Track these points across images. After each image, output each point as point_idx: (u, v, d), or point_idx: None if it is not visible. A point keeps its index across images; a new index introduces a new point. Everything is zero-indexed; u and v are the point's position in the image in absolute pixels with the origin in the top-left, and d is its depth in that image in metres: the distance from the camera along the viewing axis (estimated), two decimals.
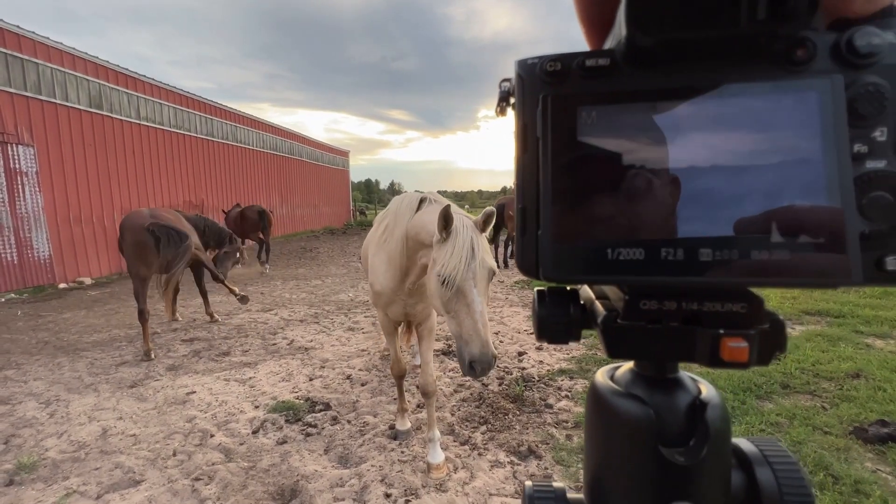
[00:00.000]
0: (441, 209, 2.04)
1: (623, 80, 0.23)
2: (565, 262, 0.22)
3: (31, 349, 5.08)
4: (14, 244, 8.71)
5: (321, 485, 2.50)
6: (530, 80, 0.24)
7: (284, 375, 4.11)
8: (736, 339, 0.22)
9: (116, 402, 3.64)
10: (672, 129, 0.22)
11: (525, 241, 0.24)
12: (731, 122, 0.21)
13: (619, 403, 0.26)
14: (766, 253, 0.21)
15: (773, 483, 0.25)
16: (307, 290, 8.18)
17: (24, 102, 8.90)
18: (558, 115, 0.23)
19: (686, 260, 0.21)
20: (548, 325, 0.26)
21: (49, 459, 2.82)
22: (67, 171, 9.81)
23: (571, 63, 0.23)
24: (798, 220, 0.21)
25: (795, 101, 0.21)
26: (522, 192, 0.24)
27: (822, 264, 0.20)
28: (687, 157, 0.22)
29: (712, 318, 0.23)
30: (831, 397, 3.24)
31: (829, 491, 2.26)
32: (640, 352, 0.25)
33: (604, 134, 0.22)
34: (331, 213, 26.98)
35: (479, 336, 1.88)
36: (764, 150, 0.21)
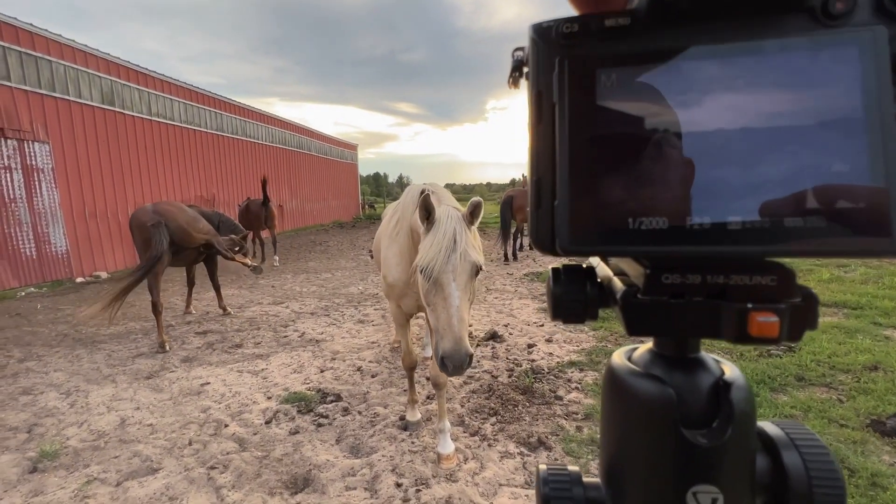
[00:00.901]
0: (421, 199, 1.99)
1: (645, 39, 0.22)
2: (584, 233, 0.21)
3: (51, 341, 5.21)
4: (33, 239, 8.91)
5: (333, 474, 2.53)
6: (546, 43, 0.23)
7: (296, 367, 4.16)
8: (765, 313, 0.21)
9: (133, 392, 3.72)
10: (699, 90, 0.21)
11: (540, 215, 0.23)
12: (763, 81, 0.20)
13: (637, 384, 0.25)
14: (801, 220, 0.20)
15: (801, 468, 0.24)
16: (317, 283, 8.25)
17: (39, 100, 9.04)
18: (576, 78, 0.22)
19: (713, 228, 0.20)
20: (563, 304, 0.25)
21: (70, 448, 2.90)
22: (82, 167, 9.97)
23: (590, 24, 0.22)
24: (836, 184, 0.19)
25: (833, 56, 0.19)
26: (537, 164, 0.23)
27: (862, 231, 0.19)
28: (714, 120, 0.20)
29: (740, 292, 0.21)
30: (848, 390, 3.18)
31: None
32: (661, 328, 0.23)
33: (625, 97, 0.21)
34: (339, 207, 27.10)
35: (453, 331, 1.82)
36: (799, 111, 0.20)
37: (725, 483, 0.23)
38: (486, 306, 6.12)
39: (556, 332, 4.90)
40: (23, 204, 8.75)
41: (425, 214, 1.99)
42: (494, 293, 6.90)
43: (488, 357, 4.22)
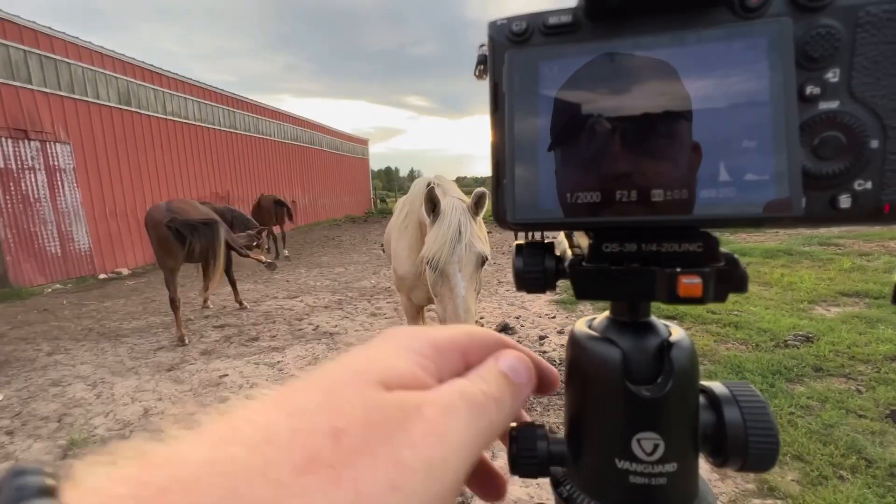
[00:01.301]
0: (426, 192, 2.02)
1: (583, 35, 0.24)
2: (528, 208, 0.24)
3: (77, 335, 5.41)
4: (57, 238, 9.21)
5: None
6: (499, 40, 0.25)
7: (311, 359, 4.25)
8: (690, 276, 0.23)
9: (156, 384, 3.85)
10: (627, 78, 0.23)
11: (499, 193, 0.26)
12: (685, 69, 0.22)
13: (591, 346, 0.28)
14: (715, 191, 0.22)
15: (739, 421, 0.26)
16: (330, 277, 8.36)
17: (59, 101, 9.28)
18: (520, 70, 0.24)
19: (639, 200, 0.22)
20: (525, 277, 0.28)
21: (98, 436, 3.03)
22: (101, 167, 10.24)
23: (536, 22, 0.24)
24: (744, 159, 0.21)
25: (745, 46, 0.21)
26: (495, 148, 0.26)
27: (767, 201, 0.21)
28: (641, 105, 0.22)
29: (670, 258, 0.24)
30: (867, 380, 3.12)
31: (861, 474, 2.20)
32: (604, 292, 0.26)
33: (563, 86, 0.23)
34: (351, 202, 27.28)
35: (459, 321, 1.86)
36: (715, 95, 0.22)
37: (665, 431, 0.25)
38: (498, 298, 6.13)
39: (568, 323, 4.89)
40: (47, 203, 9.04)
41: (431, 207, 2.02)
42: (506, 285, 6.90)
43: None
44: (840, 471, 2.24)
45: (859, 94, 0.21)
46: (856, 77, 0.21)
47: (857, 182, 0.22)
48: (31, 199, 8.73)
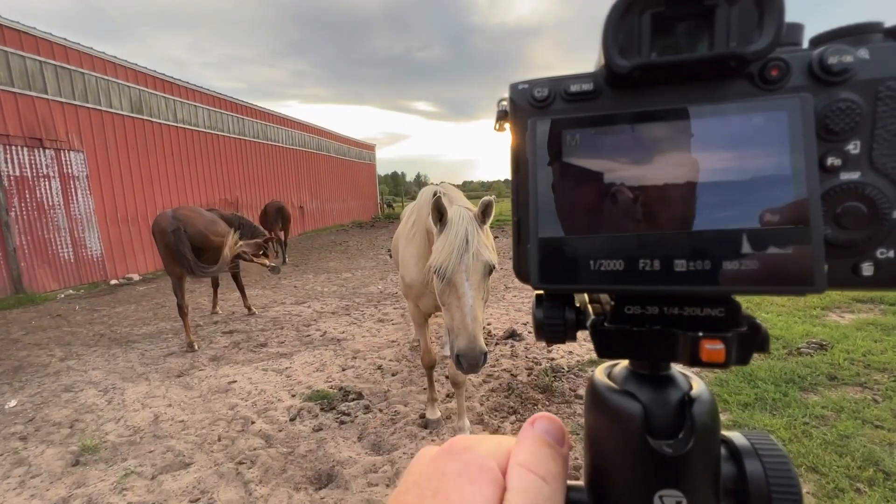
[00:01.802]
0: (433, 201, 2.03)
1: (604, 103, 0.25)
2: (553, 272, 0.24)
3: (88, 341, 5.48)
4: (70, 244, 9.36)
5: (356, 470, 2.59)
6: (521, 104, 0.26)
7: (318, 366, 4.26)
8: (713, 341, 0.23)
9: (166, 390, 3.88)
10: (649, 148, 0.23)
11: (521, 251, 0.26)
12: (705, 141, 0.22)
13: (612, 398, 0.27)
14: (737, 263, 0.22)
15: (761, 474, 0.26)
16: (338, 282, 8.40)
17: (74, 111, 9.48)
18: (544, 138, 0.24)
19: (662, 270, 0.23)
20: (545, 327, 0.28)
21: (109, 442, 3.05)
22: (114, 174, 10.41)
23: (557, 88, 0.25)
24: (766, 232, 0.21)
25: (766, 119, 0.22)
26: (517, 207, 0.26)
27: (790, 273, 0.21)
28: (664, 175, 0.23)
29: (692, 322, 0.24)
30: (884, 389, 3.06)
31: (879, 487, 2.15)
32: (626, 352, 0.26)
33: (586, 155, 0.24)
34: (358, 207, 27.43)
35: (467, 330, 1.85)
36: (737, 168, 0.22)
37: (688, 487, 0.25)
38: (505, 304, 6.11)
39: None
40: (61, 210, 9.20)
41: (438, 216, 2.03)
42: (513, 291, 6.88)
43: (507, 356, 4.22)
44: (857, 483, 2.20)
45: (880, 165, 0.22)
46: (876, 149, 0.22)
47: (880, 251, 0.22)
48: (45, 206, 8.90)
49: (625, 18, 0.23)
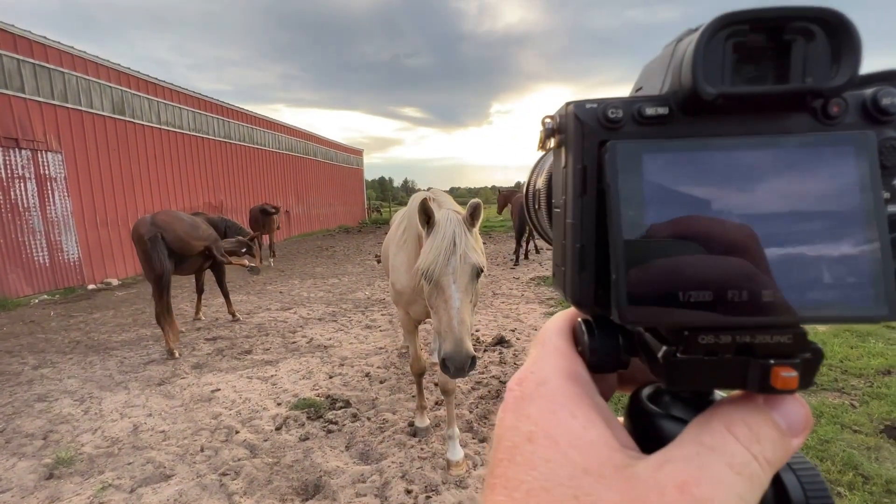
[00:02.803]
0: (419, 204, 2.03)
1: (678, 127, 0.24)
2: (640, 307, 0.23)
3: (64, 348, 5.29)
4: (46, 247, 9.06)
5: (343, 480, 2.55)
6: (590, 124, 0.25)
7: (305, 373, 4.20)
8: (787, 368, 0.23)
9: (146, 399, 3.77)
10: (728, 176, 0.23)
11: (583, 278, 0.26)
12: (780, 169, 0.23)
13: (663, 426, 0.27)
14: (819, 293, 0.22)
15: (798, 488, 0.26)
16: (324, 288, 8.30)
17: (52, 110, 9.22)
18: (625, 162, 0.24)
19: (750, 300, 0.23)
20: (601, 357, 0.27)
21: (85, 454, 2.94)
22: (94, 176, 10.14)
23: (630, 110, 0.25)
24: (843, 261, 0.22)
25: (836, 153, 0.23)
26: (581, 232, 0.26)
27: (866, 303, 0.22)
28: (742, 203, 0.23)
29: (763, 349, 0.24)
30: (860, 395, 3.15)
31: (858, 491, 2.21)
32: (699, 382, 0.26)
33: (669, 181, 0.23)
34: (345, 212, 27.24)
35: (454, 333, 1.85)
36: (812, 199, 0.23)
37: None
38: (494, 311, 6.12)
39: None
40: (36, 213, 8.91)
41: (425, 219, 2.03)
42: (501, 298, 6.90)
43: (496, 362, 4.22)
44: (838, 487, 2.25)
45: None
46: None
47: None
48: (20, 208, 8.61)
49: (709, 45, 0.23)
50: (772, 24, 0.23)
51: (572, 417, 0.24)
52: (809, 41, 0.23)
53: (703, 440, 0.22)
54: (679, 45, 0.25)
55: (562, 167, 0.28)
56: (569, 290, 0.27)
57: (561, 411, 0.24)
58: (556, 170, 0.30)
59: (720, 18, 0.22)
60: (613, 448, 0.23)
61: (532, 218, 0.45)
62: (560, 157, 0.28)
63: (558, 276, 0.29)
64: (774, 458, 0.22)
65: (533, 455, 0.23)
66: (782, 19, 0.23)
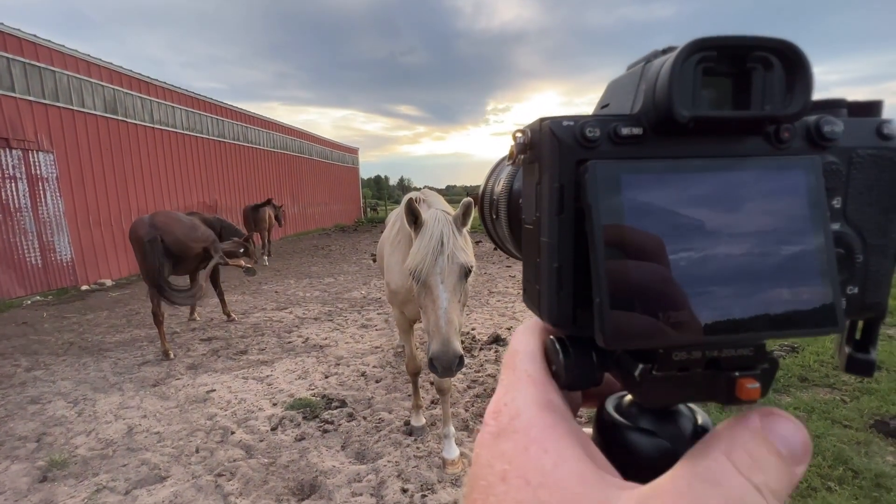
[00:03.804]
0: (405, 205, 2.03)
1: (651, 147, 0.25)
2: (623, 330, 0.23)
3: (57, 350, 5.25)
4: (38, 248, 8.97)
5: (339, 480, 2.55)
6: (567, 142, 0.25)
7: (300, 373, 4.19)
8: (751, 380, 0.24)
9: (140, 400, 3.75)
10: (701, 196, 0.24)
11: (561, 297, 0.26)
12: (744, 190, 0.24)
13: (634, 439, 0.28)
14: (778, 308, 0.24)
15: None
16: (320, 287, 8.28)
17: (43, 110, 9.12)
18: (605, 182, 0.24)
19: (721, 319, 0.23)
20: (575, 375, 0.27)
21: (79, 456, 2.93)
22: (86, 176, 10.05)
23: (607, 128, 0.25)
24: (800, 279, 0.24)
25: (790, 175, 0.24)
26: (558, 251, 0.26)
27: (817, 317, 0.24)
28: (712, 222, 0.24)
29: (727, 362, 0.25)
30: (851, 390, 3.19)
31: (848, 485, 2.24)
32: (670, 397, 0.26)
33: (645, 201, 0.24)
34: (341, 211, 27.16)
35: (441, 333, 1.85)
36: (770, 217, 0.24)
37: None
38: (489, 310, 6.13)
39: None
40: (28, 213, 8.82)
41: (412, 219, 2.04)
42: (497, 296, 6.92)
43: (492, 361, 4.23)
44: (828, 482, 2.28)
45: (851, 218, 0.27)
46: (849, 205, 0.27)
47: (849, 287, 0.27)
48: (11, 208, 8.52)
49: (682, 68, 0.24)
50: (737, 51, 0.24)
51: (544, 453, 0.23)
52: (768, 70, 0.25)
53: (698, 471, 0.20)
54: (649, 67, 0.26)
55: (535, 184, 0.28)
56: (545, 310, 0.27)
57: (533, 447, 0.24)
58: (527, 185, 0.30)
59: (693, 44, 0.23)
60: (589, 483, 0.22)
61: (489, 227, 0.44)
62: (533, 172, 0.28)
63: (531, 293, 0.30)
64: (779, 488, 0.20)
65: (506, 496, 0.23)
66: (746, 48, 0.24)
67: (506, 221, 0.38)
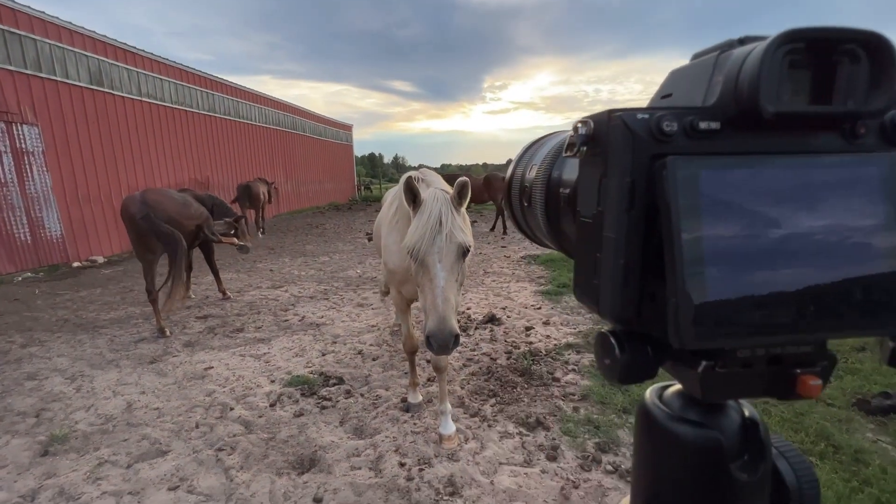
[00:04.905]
0: (404, 183, 2.02)
1: (726, 141, 0.24)
2: (708, 328, 0.23)
3: (51, 327, 5.24)
4: (26, 224, 8.83)
5: (338, 454, 2.61)
6: (642, 136, 0.24)
7: (298, 351, 4.23)
8: (813, 377, 0.24)
9: (138, 377, 3.78)
10: (775, 189, 0.23)
11: (627, 294, 0.25)
12: (821, 189, 0.23)
13: (679, 429, 0.28)
14: (849, 309, 0.23)
15: (791, 473, 0.28)
16: (315, 266, 8.27)
17: (26, 80, 8.81)
18: (684, 180, 0.23)
19: (796, 318, 0.23)
20: (632, 370, 0.27)
21: (79, 431, 2.96)
22: (73, 150, 9.80)
23: (683, 122, 0.24)
24: (873, 282, 0.23)
25: (866, 174, 0.24)
26: (626, 247, 0.25)
27: (888, 316, 0.23)
28: (789, 221, 0.23)
29: (790, 359, 0.25)
30: (836, 370, 3.28)
31: (829, 460, 2.33)
32: (730, 392, 0.26)
33: (724, 198, 0.23)
34: (335, 189, 26.87)
35: (437, 311, 1.87)
36: (846, 217, 0.23)
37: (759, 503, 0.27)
38: (485, 289, 6.18)
39: (553, 314, 4.98)
40: (14, 188, 8.63)
41: (411, 198, 2.02)
42: (492, 276, 6.96)
43: (487, 340, 4.29)
44: (809, 457, 2.37)
45: None
46: None
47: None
48: None
49: (771, 61, 0.23)
50: (826, 43, 0.23)
51: None
52: (854, 63, 0.23)
53: None
54: (725, 57, 0.25)
55: (598, 177, 0.27)
56: (607, 306, 0.26)
57: None
58: (586, 178, 0.29)
59: (784, 35, 0.22)
60: None
61: (517, 215, 0.43)
62: (595, 165, 0.27)
63: (586, 288, 0.29)
64: None
65: None
66: (836, 40, 0.23)
67: (542, 211, 0.37)
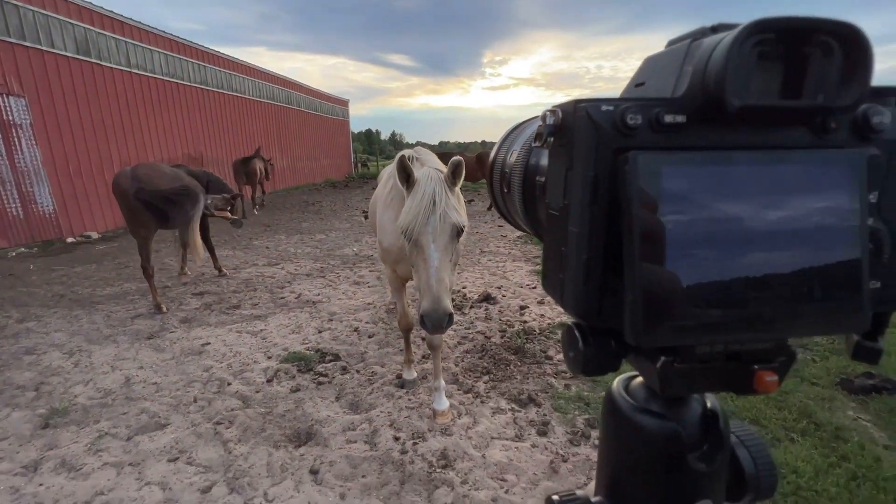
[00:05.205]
0: (398, 162, 1.99)
1: (691, 136, 0.24)
2: (656, 325, 0.22)
3: (47, 302, 5.25)
4: (18, 199, 8.71)
5: (334, 428, 2.68)
6: (605, 128, 0.23)
7: (294, 328, 4.27)
8: (770, 372, 0.24)
9: (136, 352, 3.81)
10: (740, 187, 0.23)
11: (589, 289, 0.25)
12: (787, 186, 0.23)
13: (641, 420, 0.28)
14: (809, 306, 0.23)
15: (749, 461, 0.29)
16: (311, 244, 8.26)
17: (9, 49, 8.52)
18: (646, 176, 0.22)
19: (755, 318, 0.23)
20: (594, 363, 0.27)
21: (79, 405, 3.01)
22: (62, 123, 9.58)
23: (648, 115, 0.23)
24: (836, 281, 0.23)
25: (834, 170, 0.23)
26: (589, 242, 0.24)
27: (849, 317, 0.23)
28: (759, 220, 0.23)
29: (748, 355, 0.25)
30: (821, 350, 3.35)
31: (810, 437, 2.41)
32: (688, 387, 0.26)
33: (685, 194, 0.23)
34: (331, 166, 26.55)
35: (431, 291, 1.88)
36: (811, 214, 0.23)
37: (717, 493, 0.28)
38: (480, 269, 6.20)
39: (547, 294, 5.02)
40: (4, 161, 8.48)
41: (404, 177, 2.01)
42: (488, 255, 6.98)
43: (482, 318, 4.34)
44: (791, 433, 2.45)
45: (884, 213, 0.25)
46: (884, 199, 0.25)
47: (871, 282, 0.25)
48: None
49: (739, 52, 0.22)
50: (798, 34, 0.22)
51: None
52: (826, 56, 0.23)
53: None
54: (696, 45, 0.24)
55: (564, 169, 0.26)
56: (569, 301, 0.26)
57: None
58: (554, 170, 0.28)
59: (753, 25, 0.21)
60: None
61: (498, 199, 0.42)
62: (563, 157, 0.26)
63: (553, 281, 0.29)
64: None
65: None
66: (808, 31, 0.22)
67: (519, 198, 0.37)
